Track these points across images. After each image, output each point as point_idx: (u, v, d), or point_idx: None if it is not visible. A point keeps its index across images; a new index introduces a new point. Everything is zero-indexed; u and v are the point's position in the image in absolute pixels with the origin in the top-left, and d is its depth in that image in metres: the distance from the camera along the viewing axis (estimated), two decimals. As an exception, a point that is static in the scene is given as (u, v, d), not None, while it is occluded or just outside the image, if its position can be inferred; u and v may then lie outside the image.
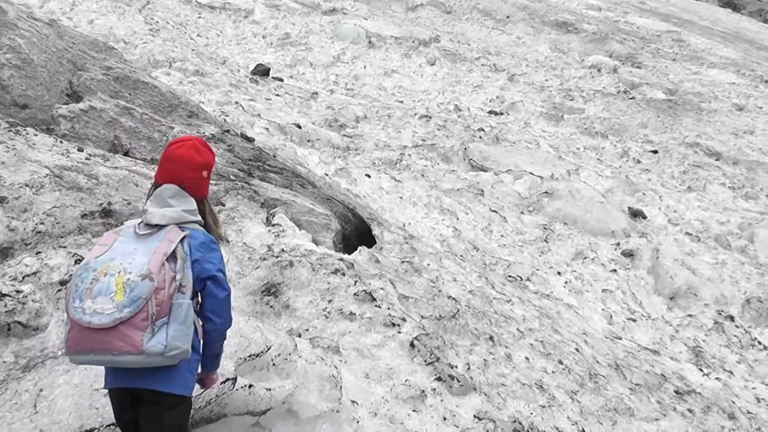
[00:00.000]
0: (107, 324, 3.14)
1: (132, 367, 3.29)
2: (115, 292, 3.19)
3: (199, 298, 3.59)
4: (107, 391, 3.61)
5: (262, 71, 15.13)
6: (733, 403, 6.89)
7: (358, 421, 4.89)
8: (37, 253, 5.44)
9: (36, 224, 5.70)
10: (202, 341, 3.61)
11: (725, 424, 6.37)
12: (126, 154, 7.69)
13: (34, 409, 4.15)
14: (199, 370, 3.69)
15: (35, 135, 6.79)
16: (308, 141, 11.65)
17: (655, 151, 14.75)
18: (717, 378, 7.57)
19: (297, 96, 14.18)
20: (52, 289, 5.08)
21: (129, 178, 6.67)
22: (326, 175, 10.09)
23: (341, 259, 6.84)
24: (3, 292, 4.76)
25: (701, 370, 7.68)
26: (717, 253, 10.53)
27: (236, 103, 12.07)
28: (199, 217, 3.66)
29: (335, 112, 13.62)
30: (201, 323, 3.58)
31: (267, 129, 11.27)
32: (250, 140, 9.70)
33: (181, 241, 3.44)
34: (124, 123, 8.02)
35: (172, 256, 3.36)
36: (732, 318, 8.87)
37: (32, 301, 4.80)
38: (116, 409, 3.63)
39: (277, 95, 13.83)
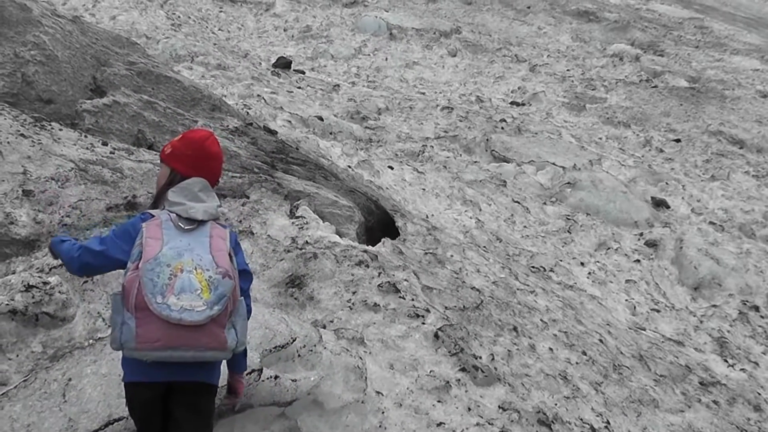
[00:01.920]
0: (200, 321, 3.20)
1: (189, 362, 3.31)
2: (201, 289, 3.23)
3: None
4: (130, 384, 3.52)
5: (283, 64, 15.15)
6: (759, 394, 6.85)
7: (383, 412, 4.92)
8: (64, 246, 5.52)
9: (62, 217, 5.80)
10: None
11: (751, 416, 6.34)
12: (150, 147, 7.75)
13: (63, 398, 4.22)
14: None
15: (60, 129, 6.89)
16: (330, 133, 11.67)
17: (678, 140, 14.60)
18: (742, 369, 7.52)
19: (319, 88, 14.20)
20: (79, 280, 5.16)
21: (153, 172, 6.73)
22: (349, 167, 10.11)
23: (365, 251, 6.86)
24: (30, 283, 4.85)
25: (726, 361, 7.64)
26: (741, 242, 10.45)
27: (258, 96, 12.10)
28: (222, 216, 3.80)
29: (357, 105, 13.63)
30: None
31: (289, 121, 11.30)
32: (273, 133, 9.74)
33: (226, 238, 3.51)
34: (147, 117, 8.09)
35: (230, 254, 3.44)
36: (757, 308, 8.80)
37: (59, 292, 4.89)
38: (139, 403, 3.56)
39: (299, 88, 13.86)
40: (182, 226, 3.44)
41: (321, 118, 11.98)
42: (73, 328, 4.83)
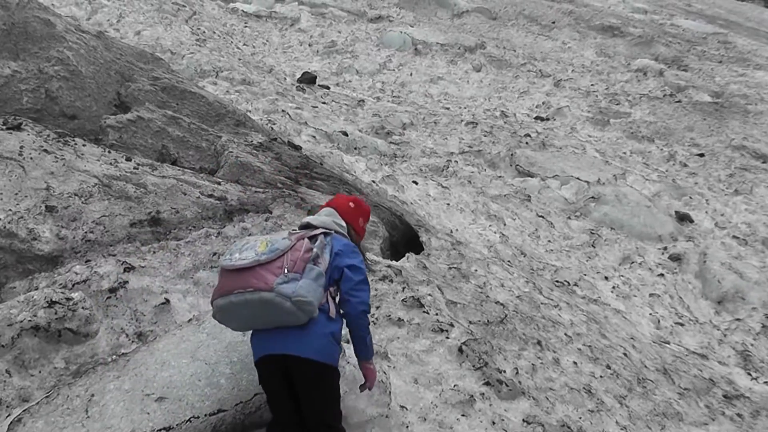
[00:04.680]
0: (247, 264, 3.83)
1: (277, 336, 3.91)
2: (259, 245, 3.92)
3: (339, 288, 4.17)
4: (255, 364, 4.13)
5: (308, 79, 15.24)
6: (783, 407, 6.82)
7: (407, 426, 4.92)
8: (86, 261, 5.54)
9: (85, 233, 5.81)
10: (346, 325, 4.19)
11: (775, 429, 6.32)
12: (174, 163, 7.80)
13: (86, 414, 4.22)
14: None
15: (84, 145, 6.93)
16: (355, 148, 11.71)
17: (702, 155, 14.56)
18: (766, 382, 7.48)
19: (343, 104, 14.26)
20: (102, 296, 5.19)
21: (177, 187, 6.78)
22: (373, 182, 10.14)
23: (389, 266, 6.89)
24: (53, 299, 4.87)
25: (750, 375, 7.60)
26: (765, 256, 10.39)
27: (283, 111, 12.17)
28: (346, 233, 4.44)
29: (382, 120, 13.66)
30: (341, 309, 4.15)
31: (314, 137, 11.37)
32: (297, 148, 9.77)
33: (324, 234, 4.21)
34: (171, 132, 8.14)
35: (312, 238, 4.12)
36: (781, 322, 8.76)
37: (82, 308, 4.91)
38: (263, 380, 4.15)
39: (324, 103, 13.92)
40: (289, 231, 4.29)
41: (345, 134, 12.02)
42: (96, 344, 4.86)
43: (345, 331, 4.21)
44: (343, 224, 4.46)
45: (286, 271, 3.82)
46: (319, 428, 4.11)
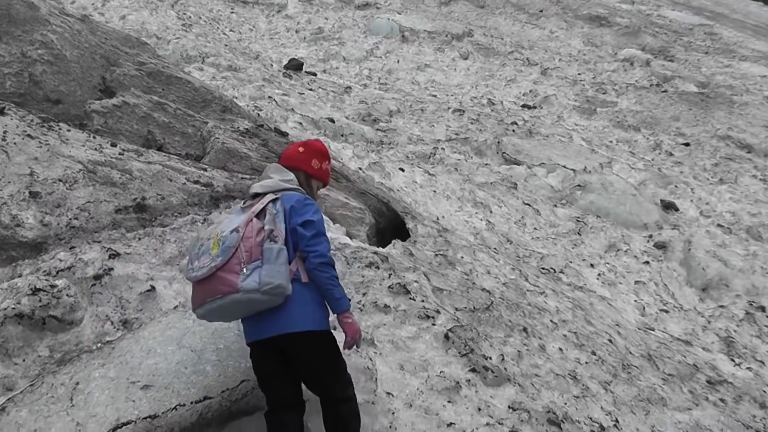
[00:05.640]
0: (207, 273, 3.83)
1: (260, 320, 3.95)
2: (212, 246, 3.88)
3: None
4: (249, 348, 4.19)
5: (295, 66, 15.17)
6: (765, 392, 6.87)
7: (393, 413, 4.91)
8: (71, 248, 5.51)
9: (70, 219, 5.76)
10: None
11: (756, 413, 6.36)
12: (160, 149, 7.75)
13: (71, 402, 4.21)
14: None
15: (68, 130, 6.85)
16: (342, 135, 11.68)
17: (687, 144, 14.64)
18: (748, 368, 7.54)
19: (330, 90, 14.22)
20: (87, 283, 5.15)
21: (163, 173, 6.73)
22: (360, 169, 10.12)
23: (375, 253, 6.87)
24: (37, 286, 4.84)
25: (733, 360, 7.67)
26: (748, 244, 10.48)
27: (270, 97, 12.12)
28: (296, 185, 4.33)
29: (369, 107, 13.64)
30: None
31: (300, 123, 11.32)
32: (284, 135, 9.73)
33: (273, 201, 4.09)
34: (157, 118, 8.07)
35: (261, 213, 4.01)
36: (763, 308, 8.84)
37: (67, 295, 4.88)
38: (255, 364, 4.18)
39: (311, 90, 13.88)
40: (242, 206, 4.20)
41: (332, 120, 11.99)
42: (81, 332, 4.84)
43: (332, 317, 4.19)
44: (290, 176, 4.36)
45: (244, 266, 3.80)
46: (330, 403, 4.15)
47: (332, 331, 4.23)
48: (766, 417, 6.34)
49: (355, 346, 4.25)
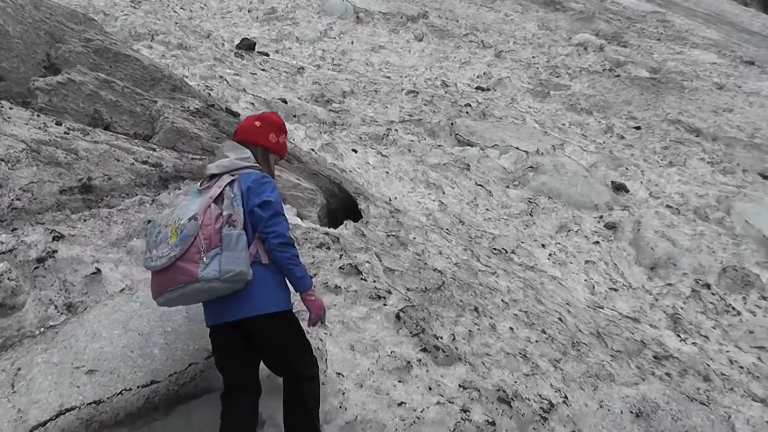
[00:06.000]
0: (166, 264, 3.79)
1: (221, 304, 3.93)
2: (170, 235, 3.84)
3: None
4: (209, 331, 4.18)
5: (247, 46, 15.02)
6: (708, 365, 6.99)
7: (343, 393, 4.90)
8: (12, 230, 5.36)
9: (12, 200, 5.59)
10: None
11: (700, 386, 6.45)
12: (107, 128, 7.59)
13: (12, 389, 4.12)
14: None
15: (10, 108, 6.64)
16: (294, 116, 11.59)
17: (638, 128, 14.84)
18: (693, 343, 7.70)
19: (283, 71, 14.10)
20: (29, 266, 5.02)
21: (110, 153, 6.57)
22: (312, 150, 10.05)
23: (326, 233, 6.83)
24: (-24, 270, 4.72)
25: (679, 336, 7.80)
26: (696, 224, 10.65)
27: (221, 77, 11.98)
28: (253, 163, 4.27)
29: (322, 88, 13.57)
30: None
31: (252, 104, 11.21)
32: (235, 115, 9.63)
33: (230, 183, 4.03)
34: (104, 96, 7.89)
35: (219, 198, 3.96)
36: (709, 286, 8.99)
37: (8, 279, 4.73)
38: (215, 346, 4.16)
39: (263, 70, 13.75)
40: (198, 188, 4.14)
41: (285, 101, 11.90)
42: (23, 316, 4.71)
43: None
44: (246, 154, 4.30)
45: (204, 254, 3.77)
46: (294, 383, 4.15)
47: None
48: (710, 389, 6.45)
49: (320, 323, 4.26)
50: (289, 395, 4.16)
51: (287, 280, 4.11)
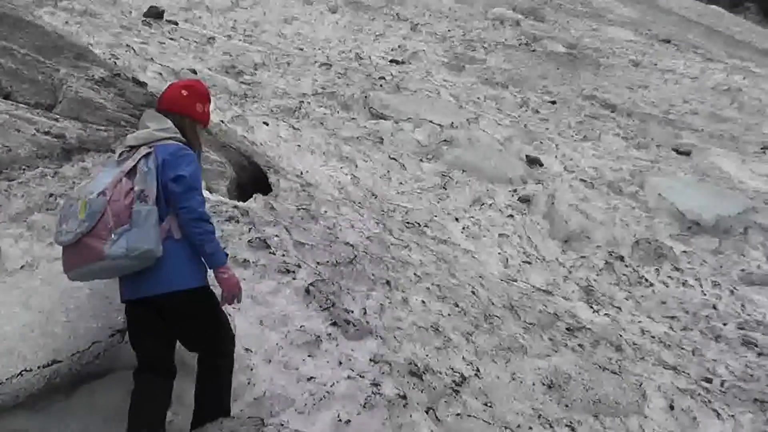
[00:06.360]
0: (72, 240, 3.69)
1: (135, 279, 3.83)
2: (79, 211, 3.69)
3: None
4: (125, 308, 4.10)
5: (155, 14, 14.67)
6: (620, 336, 7.11)
7: (251, 369, 4.83)
8: None
9: None
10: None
11: (612, 356, 6.56)
12: (6, 97, 7.32)
13: None
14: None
15: None
16: (204, 87, 11.36)
17: (554, 102, 15.04)
18: (606, 314, 7.81)
19: (192, 41, 13.83)
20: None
21: (10, 123, 6.39)
22: (222, 122, 9.84)
23: (235, 207, 6.74)
24: None
25: (591, 308, 7.90)
26: (609, 198, 10.83)
27: (127, 46, 11.68)
28: (173, 134, 4.04)
29: (233, 59, 13.39)
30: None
31: (160, 74, 10.93)
32: (143, 85, 9.35)
33: (146, 156, 3.86)
34: (3, 64, 7.60)
35: (132, 171, 3.80)
36: (622, 258, 9.16)
37: None
38: (129, 321, 4.08)
39: (172, 39, 13.45)
40: (117, 158, 3.99)
41: (194, 71, 11.67)
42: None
43: (210, 273, 4.04)
44: (167, 124, 4.07)
45: (112, 232, 3.65)
46: (209, 360, 4.08)
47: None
48: (621, 359, 6.56)
49: (235, 300, 4.13)
50: (203, 372, 4.08)
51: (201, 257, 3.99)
